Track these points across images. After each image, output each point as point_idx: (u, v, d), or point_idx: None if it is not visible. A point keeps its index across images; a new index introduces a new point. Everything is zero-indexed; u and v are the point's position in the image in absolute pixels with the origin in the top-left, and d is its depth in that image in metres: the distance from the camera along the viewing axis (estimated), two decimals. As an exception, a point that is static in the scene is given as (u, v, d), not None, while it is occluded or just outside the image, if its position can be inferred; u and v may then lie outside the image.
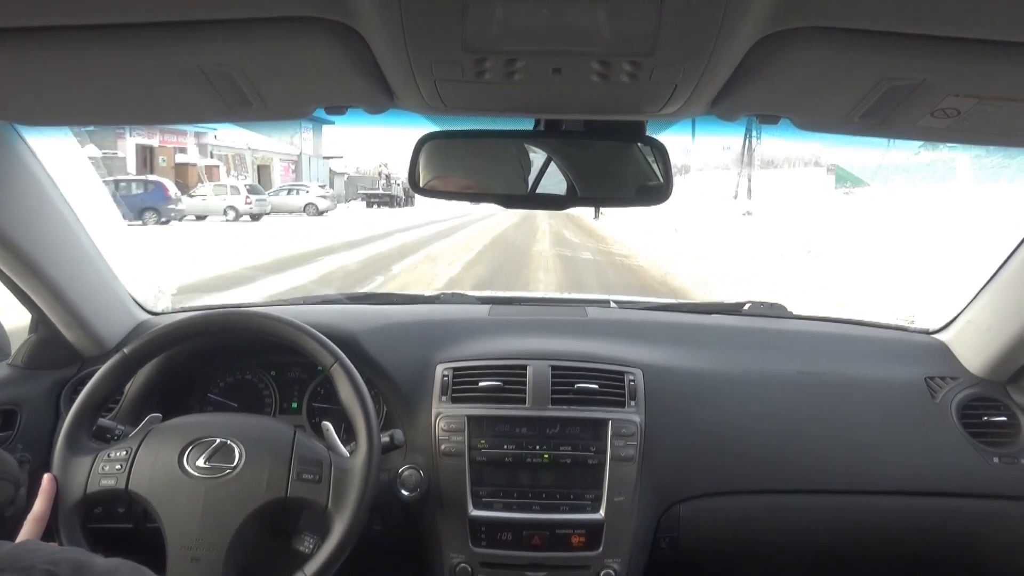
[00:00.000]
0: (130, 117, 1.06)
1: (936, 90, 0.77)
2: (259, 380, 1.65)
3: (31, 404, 1.49)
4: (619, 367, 1.53)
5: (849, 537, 1.55)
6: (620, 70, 0.74)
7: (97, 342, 1.57)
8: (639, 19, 0.64)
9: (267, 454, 1.19)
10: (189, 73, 0.78)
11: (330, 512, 1.17)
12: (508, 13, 0.64)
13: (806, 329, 1.80)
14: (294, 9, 0.67)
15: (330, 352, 1.28)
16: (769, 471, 1.53)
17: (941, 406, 1.58)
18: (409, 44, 0.69)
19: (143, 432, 1.24)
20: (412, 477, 1.43)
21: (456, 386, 1.50)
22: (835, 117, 0.89)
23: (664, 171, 1.14)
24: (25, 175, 1.30)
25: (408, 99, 0.89)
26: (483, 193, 1.26)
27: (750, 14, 0.63)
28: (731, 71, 0.76)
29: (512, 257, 13.94)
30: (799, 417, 1.56)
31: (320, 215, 25.38)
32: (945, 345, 1.70)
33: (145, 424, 1.28)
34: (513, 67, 0.75)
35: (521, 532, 1.40)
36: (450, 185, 1.21)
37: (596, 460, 1.43)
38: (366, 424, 1.24)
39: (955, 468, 1.53)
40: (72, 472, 1.19)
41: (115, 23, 0.69)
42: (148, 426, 1.26)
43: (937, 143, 0.96)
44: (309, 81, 0.84)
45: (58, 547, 1.07)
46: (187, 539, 1.13)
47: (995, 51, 0.68)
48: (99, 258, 1.54)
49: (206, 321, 1.35)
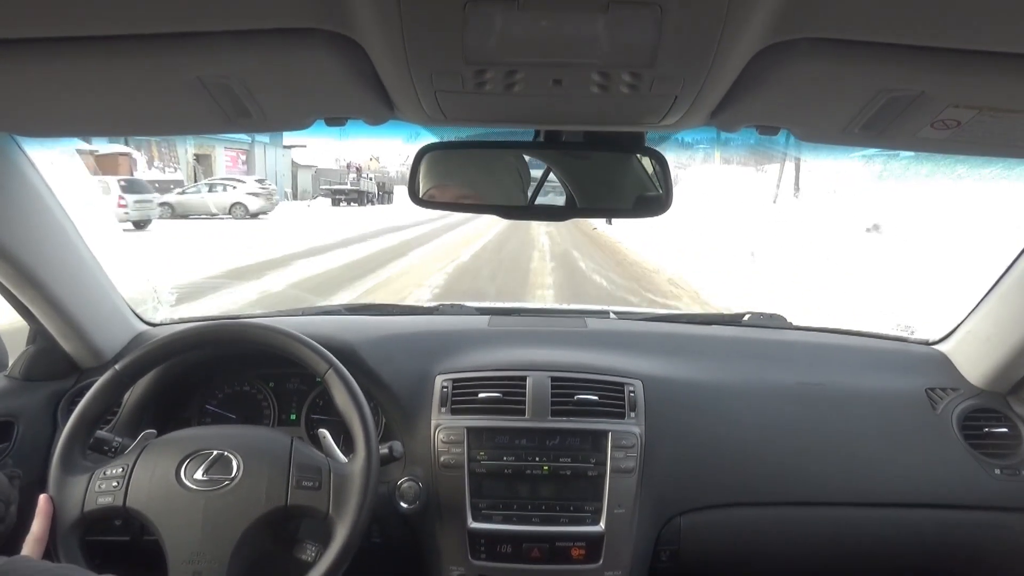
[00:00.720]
0: (129, 128, 1.05)
1: (935, 101, 0.77)
2: (257, 392, 1.64)
3: (28, 416, 1.49)
4: (619, 378, 1.52)
5: (850, 549, 1.54)
6: (620, 81, 0.74)
7: (95, 353, 1.57)
8: (639, 31, 0.64)
9: (265, 463, 1.19)
10: (189, 84, 0.78)
11: (331, 518, 1.17)
12: (508, 24, 0.64)
13: (806, 340, 1.80)
14: (294, 20, 0.67)
15: (324, 359, 1.28)
16: (770, 483, 1.52)
17: (942, 417, 1.57)
18: (409, 55, 0.69)
19: (139, 448, 1.23)
20: (411, 489, 1.43)
21: (455, 397, 1.50)
22: (835, 128, 0.90)
23: (664, 182, 1.15)
24: (24, 186, 1.30)
25: (408, 110, 0.89)
26: (483, 204, 1.26)
27: (750, 25, 0.63)
28: (731, 82, 0.76)
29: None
30: (799, 429, 1.55)
31: (252, 217, 21.28)
32: (945, 356, 1.70)
33: (140, 440, 1.27)
34: (513, 78, 0.75)
35: (520, 544, 1.40)
36: (449, 195, 1.21)
37: (596, 472, 1.42)
38: (363, 429, 1.23)
39: (956, 480, 1.52)
40: (68, 492, 1.18)
41: (115, 35, 0.69)
42: (144, 442, 1.26)
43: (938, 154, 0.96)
44: (309, 92, 0.84)
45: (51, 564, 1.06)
46: (188, 553, 1.12)
47: (994, 62, 0.69)
48: (98, 269, 1.54)
49: (199, 334, 1.34)
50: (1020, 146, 0.90)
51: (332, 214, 25.54)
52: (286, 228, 18.58)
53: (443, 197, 1.20)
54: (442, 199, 1.20)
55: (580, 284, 9.95)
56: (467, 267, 11.34)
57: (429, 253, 13.40)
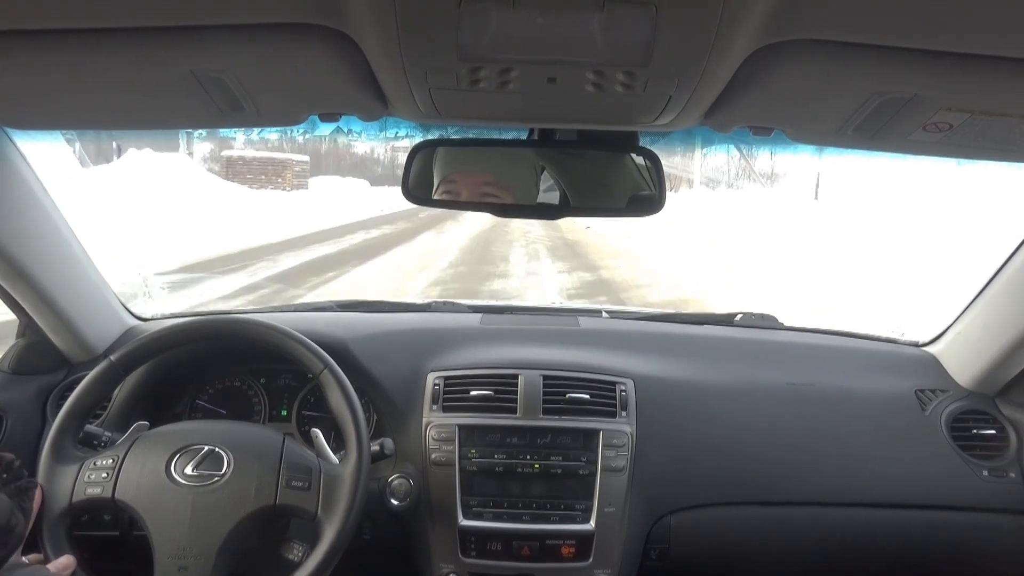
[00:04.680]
0: (122, 122, 1.05)
1: (928, 104, 0.78)
2: (249, 387, 1.64)
3: (17, 409, 1.48)
4: (611, 377, 1.52)
5: (838, 549, 1.55)
6: (614, 80, 0.75)
7: (85, 348, 1.56)
8: (634, 30, 0.64)
9: (256, 461, 1.18)
10: (182, 78, 0.78)
11: (320, 519, 1.16)
12: (503, 22, 0.64)
13: (797, 341, 1.80)
14: (289, 15, 0.67)
15: (319, 358, 1.28)
16: (760, 482, 1.53)
17: (931, 419, 1.58)
18: (404, 52, 0.69)
19: (130, 440, 1.23)
20: (402, 486, 1.42)
21: (447, 395, 1.50)
22: (828, 130, 0.90)
23: (657, 182, 1.15)
24: (15, 179, 1.29)
25: (402, 107, 0.89)
26: (476, 202, 1.26)
27: (744, 26, 0.63)
28: (725, 83, 0.76)
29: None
30: (789, 428, 1.56)
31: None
32: (935, 358, 1.71)
33: (132, 432, 1.26)
34: (508, 76, 0.75)
35: (511, 542, 1.40)
36: (444, 193, 1.21)
37: (587, 470, 1.42)
38: (356, 431, 1.23)
39: (944, 481, 1.53)
40: (57, 481, 1.18)
41: (107, 27, 0.68)
42: (135, 434, 1.25)
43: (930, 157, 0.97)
44: (303, 88, 0.84)
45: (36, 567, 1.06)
46: (175, 547, 1.12)
47: (986, 65, 0.69)
48: (88, 263, 1.53)
49: (195, 328, 1.34)
50: (1012, 150, 0.91)
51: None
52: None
53: (437, 194, 1.21)
54: (436, 197, 1.21)
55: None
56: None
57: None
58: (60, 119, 1.04)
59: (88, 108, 0.94)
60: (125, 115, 0.99)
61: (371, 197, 25.82)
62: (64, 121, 1.08)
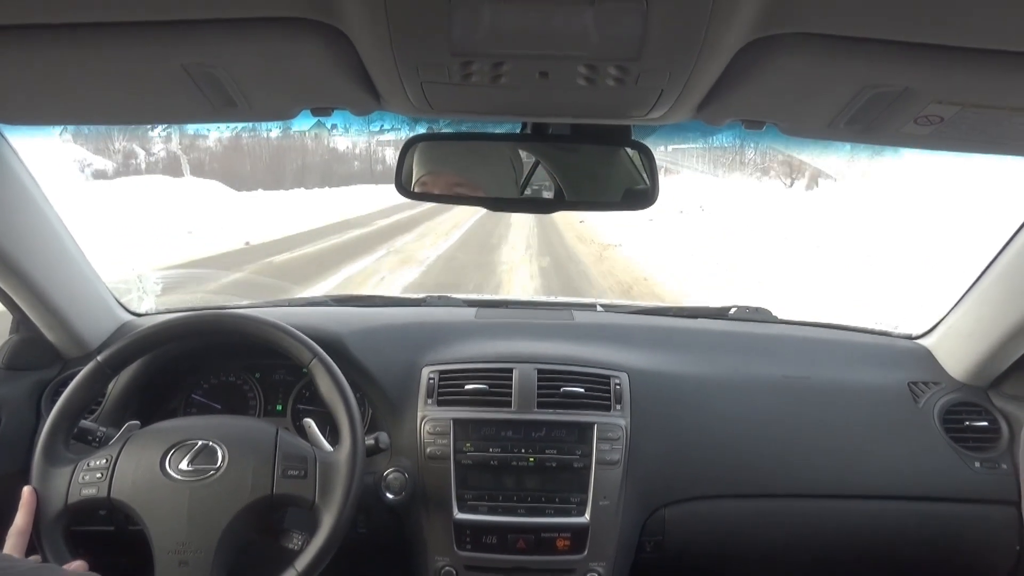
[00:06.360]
0: (113, 117, 1.04)
1: (919, 97, 0.78)
2: (243, 382, 1.64)
3: (12, 405, 1.48)
4: (605, 371, 1.53)
5: (832, 541, 1.56)
6: (606, 74, 0.74)
7: (79, 343, 1.56)
8: (625, 24, 0.64)
9: (250, 453, 1.19)
10: (173, 73, 0.78)
11: (317, 507, 1.17)
12: (494, 16, 0.64)
13: (791, 334, 1.81)
14: (280, 10, 0.67)
15: (308, 348, 1.28)
16: (754, 475, 1.53)
17: (924, 411, 1.59)
18: (395, 46, 0.69)
19: (123, 439, 1.23)
20: (397, 480, 1.43)
21: (442, 389, 1.50)
22: (820, 123, 0.90)
23: (650, 175, 1.15)
24: (6, 174, 1.29)
25: (394, 101, 0.89)
26: (471, 196, 1.26)
27: (735, 19, 0.64)
28: (717, 76, 0.76)
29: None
30: (783, 421, 1.57)
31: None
32: (928, 350, 1.72)
33: (124, 431, 1.26)
34: (500, 70, 0.75)
35: (506, 535, 1.40)
36: (437, 188, 1.21)
37: (581, 464, 1.43)
38: (348, 417, 1.23)
39: (937, 473, 1.54)
40: (52, 484, 1.17)
41: (98, 22, 0.68)
42: (128, 433, 1.25)
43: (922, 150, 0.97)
44: (295, 82, 0.84)
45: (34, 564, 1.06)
46: (174, 543, 1.12)
47: (977, 59, 0.69)
48: (82, 259, 1.53)
49: (182, 324, 1.33)
50: (1002, 142, 0.91)
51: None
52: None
53: (431, 189, 1.21)
54: (430, 191, 1.21)
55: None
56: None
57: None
58: (51, 114, 1.03)
59: (79, 103, 0.94)
60: (116, 110, 0.98)
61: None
62: (55, 116, 1.07)
